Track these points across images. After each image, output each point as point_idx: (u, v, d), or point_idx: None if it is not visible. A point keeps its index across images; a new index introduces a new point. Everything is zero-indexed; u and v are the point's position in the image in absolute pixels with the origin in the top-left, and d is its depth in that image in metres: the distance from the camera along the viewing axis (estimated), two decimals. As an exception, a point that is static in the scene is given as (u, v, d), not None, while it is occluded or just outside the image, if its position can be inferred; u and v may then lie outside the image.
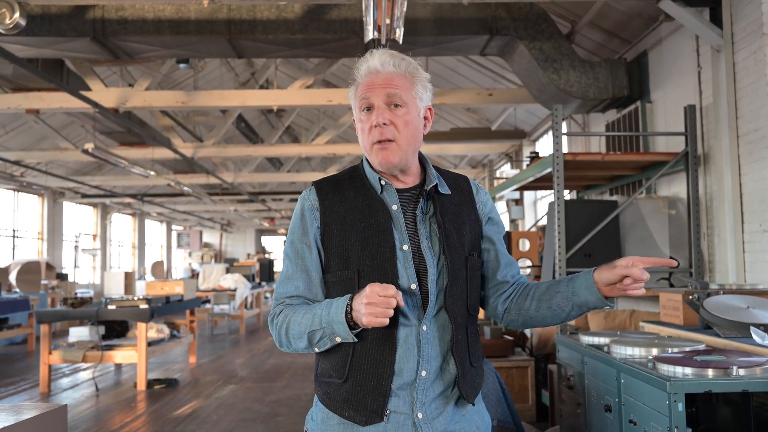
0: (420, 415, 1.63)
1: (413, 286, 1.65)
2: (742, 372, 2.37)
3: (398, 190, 1.74)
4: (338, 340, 1.62)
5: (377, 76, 1.71)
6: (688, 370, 2.41)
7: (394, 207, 1.71)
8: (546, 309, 1.74)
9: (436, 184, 1.74)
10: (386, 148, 1.68)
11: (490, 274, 1.83)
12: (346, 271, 1.69)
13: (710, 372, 2.40)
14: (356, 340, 1.61)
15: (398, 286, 1.64)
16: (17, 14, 4.57)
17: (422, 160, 1.81)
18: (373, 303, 1.51)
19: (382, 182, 1.73)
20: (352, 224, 1.70)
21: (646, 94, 6.13)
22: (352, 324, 1.58)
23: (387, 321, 1.53)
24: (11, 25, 4.58)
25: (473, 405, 1.72)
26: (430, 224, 1.71)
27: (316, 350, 1.68)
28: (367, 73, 1.72)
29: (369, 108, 1.71)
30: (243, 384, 7.62)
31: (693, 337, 3.19)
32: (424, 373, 1.64)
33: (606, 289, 1.64)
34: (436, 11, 6.16)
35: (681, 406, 2.35)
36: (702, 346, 2.91)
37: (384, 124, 1.67)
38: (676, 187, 5.41)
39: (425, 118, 1.78)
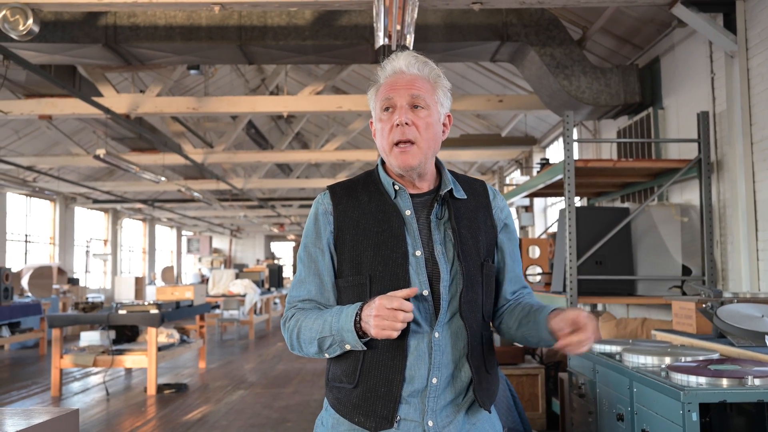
0: (430, 423, 1.62)
1: (425, 292, 1.64)
2: (757, 382, 2.35)
3: (412, 195, 1.73)
4: (348, 347, 1.62)
5: (401, 76, 1.70)
6: (702, 380, 2.39)
7: (408, 212, 1.69)
8: (524, 331, 1.75)
9: (451, 188, 1.73)
10: (406, 151, 1.66)
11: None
12: (358, 276, 1.68)
13: (725, 382, 2.37)
14: (365, 348, 1.61)
15: None
16: (30, 21, 4.60)
17: (438, 164, 1.79)
18: (381, 316, 1.51)
19: (396, 187, 1.71)
20: (365, 229, 1.69)
21: (658, 100, 6.09)
22: (361, 333, 1.57)
23: (395, 334, 1.52)
24: (25, 32, 4.61)
25: (489, 412, 1.70)
26: (445, 229, 1.69)
27: (327, 356, 1.68)
28: (392, 73, 1.71)
29: (390, 108, 1.69)
30: (252, 389, 7.62)
31: (706, 346, 3.16)
32: (435, 381, 1.62)
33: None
34: (446, 17, 6.15)
35: (695, 416, 2.32)
36: (716, 356, 2.88)
37: (406, 123, 1.66)
38: (688, 194, 5.37)
39: (444, 124, 1.76)
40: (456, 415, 1.65)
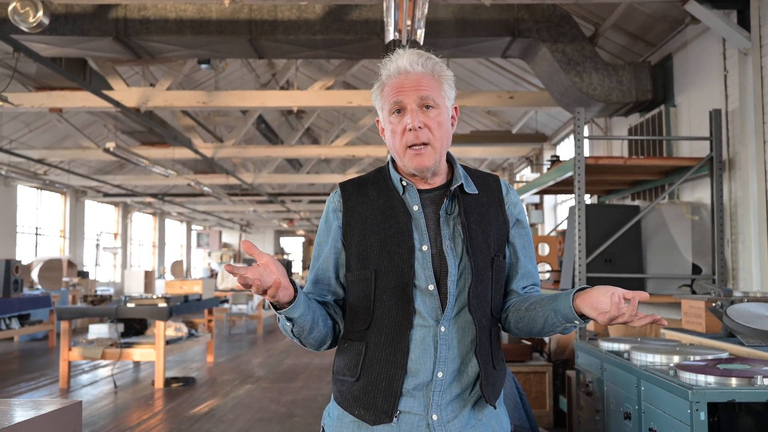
0: (435, 417, 1.61)
1: (431, 287, 1.63)
2: (766, 381, 2.32)
3: (422, 191, 1.72)
4: (283, 318, 1.60)
5: (407, 77, 1.67)
6: (711, 379, 2.37)
7: (415, 207, 1.69)
8: (532, 315, 1.69)
9: (462, 183, 1.72)
10: (421, 153, 1.66)
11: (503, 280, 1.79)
12: (364, 270, 1.68)
13: (734, 381, 2.35)
14: (283, 314, 1.58)
15: (416, 287, 1.63)
16: (41, 13, 4.61)
17: (450, 159, 1.78)
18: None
19: (404, 183, 1.71)
20: (372, 225, 1.69)
21: (670, 98, 6.05)
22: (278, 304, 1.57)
23: (252, 288, 1.46)
24: (35, 24, 4.62)
25: (495, 408, 1.69)
26: (454, 224, 1.69)
27: (289, 331, 1.65)
28: (396, 73, 1.69)
29: (400, 110, 1.68)
30: (260, 384, 7.63)
31: (716, 345, 3.13)
32: (440, 375, 1.62)
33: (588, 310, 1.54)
34: (457, 12, 6.12)
35: (703, 415, 2.30)
36: (725, 355, 2.85)
37: (419, 127, 1.65)
38: (699, 192, 5.33)
39: (452, 117, 1.75)
40: (462, 410, 1.65)
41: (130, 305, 7.46)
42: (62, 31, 6.08)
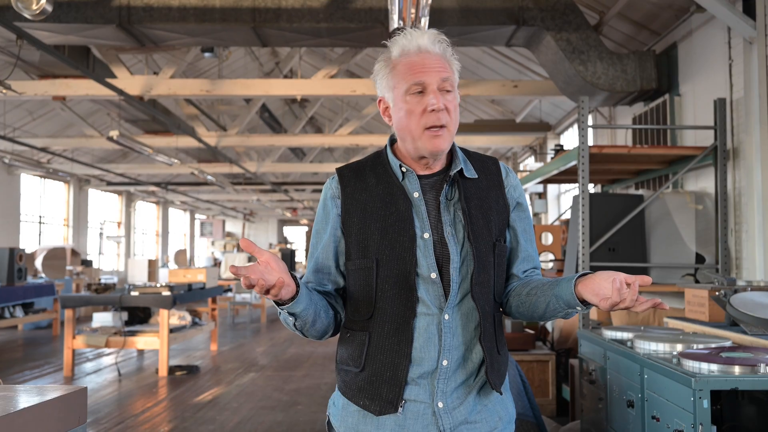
0: (440, 405, 1.60)
1: (433, 275, 1.61)
2: (769, 370, 2.32)
3: (422, 176, 1.70)
4: (285, 313, 1.58)
5: (428, 56, 1.64)
6: (714, 367, 2.37)
7: (416, 194, 1.67)
8: (533, 300, 1.67)
9: (462, 168, 1.70)
10: (439, 135, 1.63)
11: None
12: (365, 259, 1.66)
13: (737, 369, 2.35)
14: (286, 310, 1.56)
15: (418, 275, 1.62)
16: (44, 0, 4.59)
17: None
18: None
19: (403, 169, 1.68)
20: (372, 212, 1.67)
21: (674, 87, 6.02)
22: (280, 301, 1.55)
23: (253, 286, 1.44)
24: (38, 11, 4.60)
25: (500, 394, 1.69)
26: (455, 210, 1.67)
27: (295, 325, 1.64)
28: (416, 51, 1.65)
29: (421, 91, 1.63)
30: (263, 372, 7.65)
31: (719, 333, 3.13)
32: (445, 363, 1.61)
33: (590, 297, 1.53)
34: (461, 1, 6.09)
35: (706, 403, 2.31)
36: (728, 343, 2.86)
37: (441, 109, 1.62)
38: (703, 181, 5.32)
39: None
40: (467, 397, 1.64)
41: (134, 294, 7.48)
42: (65, 19, 6.07)
